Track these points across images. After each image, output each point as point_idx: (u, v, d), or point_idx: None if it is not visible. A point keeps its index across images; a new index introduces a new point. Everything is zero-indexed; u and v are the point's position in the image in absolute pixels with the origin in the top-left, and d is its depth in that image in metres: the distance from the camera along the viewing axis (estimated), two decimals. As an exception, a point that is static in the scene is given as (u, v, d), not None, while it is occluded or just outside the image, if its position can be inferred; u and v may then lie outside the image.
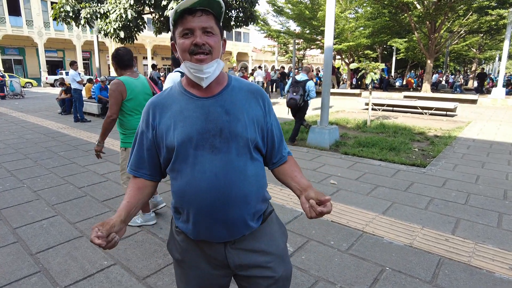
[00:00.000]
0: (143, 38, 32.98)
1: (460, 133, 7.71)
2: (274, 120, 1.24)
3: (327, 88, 6.37)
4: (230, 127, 1.08)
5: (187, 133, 1.06)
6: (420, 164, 5.06)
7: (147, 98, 3.00)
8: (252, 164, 1.13)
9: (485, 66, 45.24)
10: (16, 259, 2.56)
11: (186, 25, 1.03)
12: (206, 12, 1.05)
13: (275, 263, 1.19)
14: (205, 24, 1.04)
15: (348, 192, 3.94)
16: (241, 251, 1.15)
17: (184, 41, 1.05)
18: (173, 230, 1.23)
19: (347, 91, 19.11)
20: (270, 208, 1.26)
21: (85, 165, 5.10)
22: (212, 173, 1.05)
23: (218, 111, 1.09)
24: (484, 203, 3.62)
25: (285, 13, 21.56)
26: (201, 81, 1.07)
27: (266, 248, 1.18)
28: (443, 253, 2.62)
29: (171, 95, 1.15)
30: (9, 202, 3.65)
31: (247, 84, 1.20)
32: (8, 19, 28.05)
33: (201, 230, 1.11)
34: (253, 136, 1.12)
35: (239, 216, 1.10)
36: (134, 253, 2.64)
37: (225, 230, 1.10)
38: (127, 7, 10.33)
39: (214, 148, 1.06)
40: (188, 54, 1.05)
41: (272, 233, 1.22)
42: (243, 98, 1.15)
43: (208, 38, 1.05)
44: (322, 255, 2.61)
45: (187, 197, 1.08)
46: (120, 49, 2.93)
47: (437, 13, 15.66)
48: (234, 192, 1.07)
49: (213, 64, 1.06)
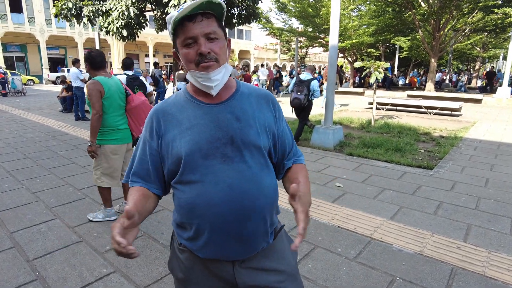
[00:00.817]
0: (145, 36, 32.88)
1: (466, 133, 7.59)
2: (286, 126, 1.18)
3: (332, 87, 6.25)
4: (242, 134, 1.01)
5: (196, 142, 0.99)
6: (427, 166, 4.95)
7: (122, 97, 3.16)
8: (268, 175, 1.06)
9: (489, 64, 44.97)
10: (12, 266, 2.47)
11: (187, 34, 0.96)
12: (207, 15, 0.97)
13: (287, 282, 1.11)
14: (207, 29, 0.97)
15: (354, 196, 3.84)
16: (251, 270, 1.06)
17: (189, 51, 0.98)
18: (176, 247, 1.13)
19: (350, 90, 18.97)
20: (281, 224, 1.18)
21: (85, 165, 5.01)
22: (225, 184, 0.97)
23: (228, 118, 1.02)
24: (496, 208, 3.51)
25: (288, 10, 21.39)
26: (210, 90, 1.00)
27: (278, 267, 1.10)
28: (456, 262, 2.52)
29: (177, 102, 1.08)
30: (6, 204, 3.57)
31: (256, 89, 1.14)
32: (10, 16, 27.97)
33: (212, 248, 1.02)
34: (266, 143, 1.06)
35: (255, 231, 1.02)
36: (134, 260, 2.55)
37: (239, 247, 1.01)
38: (129, 4, 10.21)
39: (226, 158, 0.99)
40: (194, 65, 0.99)
41: (283, 250, 1.14)
42: (253, 103, 1.08)
43: (212, 44, 0.98)
44: (330, 264, 2.51)
45: (198, 211, 0.99)
46: (93, 51, 3.06)
47: (442, 11, 15.47)
48: (250, 205, 0.98)
49: (221, 70, 1.00)
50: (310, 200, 1.02)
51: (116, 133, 3.11)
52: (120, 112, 3.15)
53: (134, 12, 10.29)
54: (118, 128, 3.13)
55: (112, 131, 3.08)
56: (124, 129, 3.19)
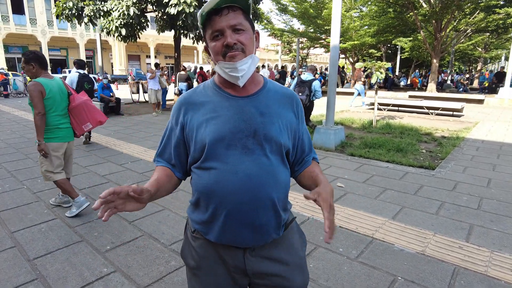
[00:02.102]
0: (146, 37, 32.97)
1: (468, 134, 7.56)
2: (304, 128, 1.22)
3: (333, 88, 6.24)
4: (264, 129, 1.04)
5: (219, 132, 1.03)
6: (429, 166, 4.92)
7: (64, 97, 3.28)
8: (284, 170, 1.10)
9: (491, 65, 44.86)
10: (13, 265, 2.47)
11: (214, 27, 0.99)
12: (233, 8, 0.99)
13: (293, 272, 1.15)
14: (233, 21, 0.99)
15: (356, 196, 3.82)
16: (260, 258, 1.11)
17: (216, 43, 1.01)
18: (189, 235, 1.18)
19: (351, 91, 18.94)
20: (292, 216, 1.22)
21: (86, 165, 5.02)
22: (244, 174, 1.01)
23: (253, 112, 1.06)
24: (498, 208, 3.49)
25: (289, 11, 21.41)
26: (237, 81, 1.03)
27: (286, 257, 1.14)
28: (458, 262, 2.50)
29: (204, 92, 1.12)
30: (7, 204, 3.57)
31: (282, 88, 1.17)
32: (11, 18, 28.09)
33: (225, 233, 1.06)
34: (286, 141, 1.09)
35: (267, 221, 1.06)
36: (135, 260, 2.54)
37: (251, 235, 1.06)
38: (129, 4, 10.24)
39: (247, 149, 1.03)
40: (221, 56, 1.01)
41: (293, 242, 1.18)
42: (278, 101, 1.12)
43: (239, 35, 1.00)
44: (331, 263, 2.49)
45: (215, 197, 1.03)
46: (36, 52, 3.17)
47: (443, 11, 15.44)
48: (265, 196, 1.03)
49: (247, 60, 1.02)
50: (331, 187, 1.06)
51: (58, 131, 3.22)
52: (62, 112, 3.25)
53: (135, 12, 10.31)
54: (59, 127, 3.24)
55: (54, 130, 3.19)
56: (65, 128, 3.30)
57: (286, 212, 1.16)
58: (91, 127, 3.50)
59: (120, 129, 8.21)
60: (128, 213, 3.35)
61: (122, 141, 6.74)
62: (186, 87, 11.68)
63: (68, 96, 3.32)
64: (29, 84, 3.06)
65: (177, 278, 2.32)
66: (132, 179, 4.39)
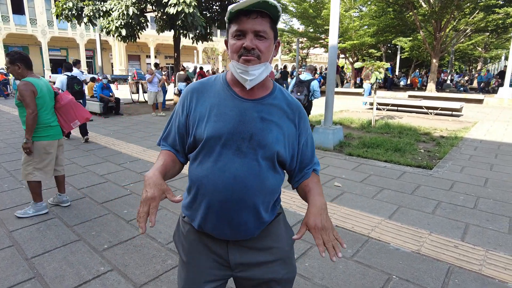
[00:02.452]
0: (146, 37, 32.99)
1: (467, 133, 7.57)
2: (309, 139, 1.21)
3: (332, 88, 6.26)
4: (261, 135, 1.06)
5: (218, 130, 1.05)
6: (427, 166, 4.94)
7: (51, 96, 3.34)
8: (273, 177, 1.11)
9: (490, 65, 44.81)
10: (10, 264, 2.49)
11: (239, 26, 1.01)
12: (262, 15, 1.01)
13: (277, 264, 1.17)
14: (258, 27, 1.00)
15: (353, 195, 3.84)
16: (243, 248, 1.14)
17: (236, 42, 1.03)
18: (180, 221, 1.25)
19: (351, 90, 18.96)
20: (279, 211, 1.24)
21: (85, 165, 5.04)
22: (231, 175, 1.04)
23: (254, 116, 1.07)
24: (494, 208, 3.50)
25: (289, 11, 21.41)
26: (245, 82, 1.05)
27: (270, 246, 1.17)
28: (453, 260, 2.52)
29: (214, 86, 1.14)
30: (6, 204, 3.58)
31: (290, 98, 1.18)
32: (12, 18, 28.12)
33: (206, 224, 1.11)
34: (281, 150, 1.10)
35: (246, 221, 1.09)
36: (132, 258, 2.56)
37: (229, 231, 1.10)
38: (129, 4, 10.26)
39: (240, 152, 1.05)
40: (237, 56, 1.03)
41: (278, 234, 1.20)
42: (282, 110, 1.13)
43: (259, 42, 1.02)
44: (326, 262, 2.51)
45: (202, 190, 1.08)
46: (20, 52, 3.20)
47: (443, 11, 15.45)
48: (247, 199, 1.06)
49: (260, 67, 1.04)
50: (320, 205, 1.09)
51: (49, 130, 3.28)
52: (51, 110, 3.32)
53: (134, 12, 10.32)
54: (51, 125, 3.30)
55: (45, 128, 3.25)
56: (55, 126, 3.37)
57: (272, 213, 1.18)
58: (79, 124, 3.59)
59: (119, 129, 8.23)
60: (125, 213, 3.37)
61: (121, 141, 6.76)
62: (185, 87, 11.70)
63: (54, 95, 3.40)
64: (19, 84, 3.10)
65: (173, 277, 2.34)
66: (130, 179, 4.41)
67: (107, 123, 9.25)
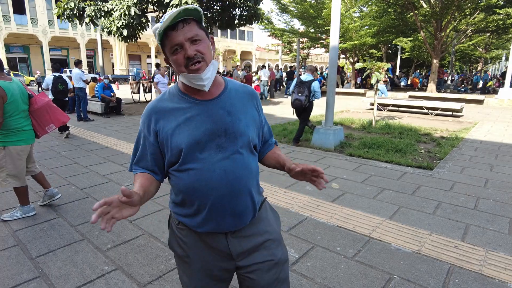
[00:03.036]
0: (147, 37, 33.01)
1: (467, 134, 7.59)
2: (264, 117, 1.34)
3: (333, 88, 6.28)
4: (233, 127, 1.14)
5: (194, 136, 1.10)
6: (427, 166, 4.96)
7: (25, 99, 3.19)
8: (254, 160, 1.23)
9: (491, 65, 44.81)
10: (15, 263, 2.52)
11: (173, 41, 1.06)
12: (187, 21, 1.06)
13: (273, 244, 1.26)
14: (190, 34, 1.06)
15: (354, 196, 3.86)
16: (241, 238, 1.21)
17: (177, 57, 1.07)
18: (174, 227, 1.27)
19: (351, 91, 18.99)
20: (263, 197, 1.35)
21: (88, 165, 5.06)
22: (221, 171, 1.11)
23: (221, 113, 1.14)
24: (494, 208, 3.53)
25: (290, 11, 21.42)
26: (203, 87, 1.12)
27: (264, 229, 1.26)
28: (453, 261, 2.54)
29: (171, 100, 1.17)
30: (10, 204, 3.61)
31: (242, 86, 1.27)
32: (13, 18, 28.15)
33: (209, 223, 1.16)
34: (253, 134, 1.21)
35: (246, 207, 1.18)
36: (135, 258, 2.59)
37: (233, 220, 1.16)
38: (130, 4, 10.28)
39: (221, 148, 1.12)
40: (184, 67, 1.08)
41: (268, 218, 1.31)
42: (241, 99, 1.22)
43: (197, 46, 1.07)
44: (328, 262, 2.54)
45: (198, 193, 1.13)
46: None
47: (443, 12, 15.46)
48: (241, 186, 1.14)
49: (209, 68, 1.11)
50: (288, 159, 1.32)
51: (21, 134, 3.15)
52: (24, 114, 3.19)
53: (136, 12, 10.35)
54: (23, 129, 3.17)
55: (17, 132, 3.12)
56: (28, 130, 3.24)
57: (260, 194, 1.30)
58: (54, 128, 3.46)
59: (120, 129, 8.25)
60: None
61: (123, 141, 6.79)
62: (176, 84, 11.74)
63: (28, 98, 3.24)
64: None
65: (176, 276, 2.36)
66: (132, 179, 4.40)
67: (108, 123, 9.28)
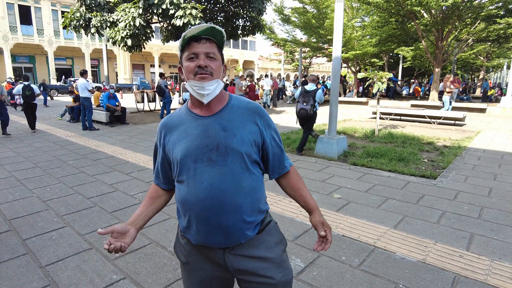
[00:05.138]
0: (151, 46, 33.37)
1: (470, 143, 7.62)
2: (274, 134, 1.31)
3: (335, 98, 6.35)
4: (226, 142, 1.17)
5: (188, 148, 1.18)
6: (431, 175, 4.99)
7: None
8: (248, 177, 1.21)
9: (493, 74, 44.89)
10: (26, 271, 2.56)
11: (192, 50, 1.17)
12: (210, 40, 1.19)
13: (272, 269, 1.25)
14: (208, 50, 1.17)
15: (358, 205, 3.89)
16: (239, 257, 1.23)
17: (190, 64, 1.18)
18: (178, 234, 1.34)
19: (354, 100, 19.06)
20: (269, 219, 1.33)
21: (94, 174, 5.12)
22: (208, 184, 1.16)
23: (216, 128, 1.20)
24: (499, 218, 3.54)
25: (292, 22, 21.69)
26: (202, 98, 1.18)
27: (263, 255, 1.25)
28: (458, 270, 2.56)
29: (179, 116, 1.28)
30: (18, 212, 3.67)
31: (246, 103, 1.29)
32: (19, 28, 28.62)
33: (201, 236, 1.20)
34: (248, 150, 1.20)
35: (234, 224, 1.18)
36: (143, 267, 2.62)
37: (221, 236, 1.18)
38: (135, 15, 10.48)
39: (211, 161, 1.17)
40: (192, 75, 1.18)
41: (270, 241, 1.29)
42: (240, 115, 1.24)
43: (210, 61, 1.18)
44: (334, 271, 2.56)
45: (188, 205, 1.19)
46: None
47: (444, 21, 15.61)
48: (227, 201, 1.16)
49: (214, 82, 1.18)
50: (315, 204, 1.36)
51: None
52: None
53: (140, 23, 10.53)
54: None
55: None
56: None
57: (260, 214, 1.27)
58: None
59: (125, 138, 8.33)
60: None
61: (128, 150, 6.86)
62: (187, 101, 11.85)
63: None
64: None
65: (184, 285, 2.39)
66: (138, 188, 4.48)
67: (113, 132, 9.37)
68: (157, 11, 10.47)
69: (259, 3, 12.81)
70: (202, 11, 10.89)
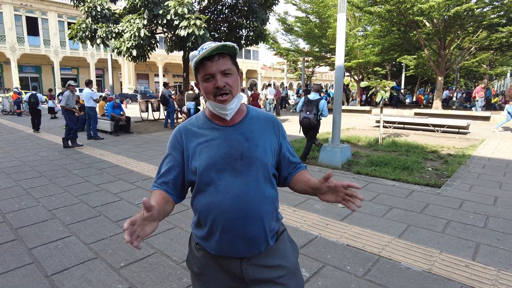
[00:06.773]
0: (155, 56, 33.76)
1: (474, 151, 7.59)
2: (288, 145, 1.38)
3: (339, 107, 6.38)
4: (250, 152, 1.19)
5: (211, 158, 1.17)
6: (435, 184, 4.97)
7: None
8: (270, 187, 1.24)
9: (496, 82, 44.79)
10: (31, 280, 2.57)
11: (206, 71, 1.16)
12: (223, 55, 1.16)
13: (288, 277, 1.27)
14: (223, 67, 1.16)
15: (363, 214, 3.88)
16: (255, 266, 1.23)
17: (207, 85, 1.17)
18: (193, 247, 1.32)
19: (357, 108, 19.09)
20: (283, 228, 1.35)
21: (99, 183, 5.16)
22: (234, 194, 1.15)
23: (239, 139, 1.21)
24: (504, 227, 3.52)
25: (295, 31, 21.88)
26: (225, 116, 1.21)
27: (279, 263, 1.26)
28: (464, 280, 2.54)
29: (197, 123, 1.27)
30: (24, 221, 3.69)
31: (264, 114, 1.33)
32: (26, 39, 29.11)
33: (223, 245, 1.19)
34: (270, 160, 1.24)
35: (258, 234, 1.19)
36: (148, 276, 2.63)
37: (244, 246, 1.19)
38: (140, 26, 10.64)
39: (236, 171, 1.17)
40: (212, 96, 1.18)
41: (285, 250, 1.31)
42: (260, 126, 1.27)
43: (227, 78, 1.17)
44: (339, 281, 2.55)
45: (211, 215, 1.18)
46: None
47: (446, 30, 15.68)
48: (253, 211, 1.17)
49: (234, 100, 1.20)
50: None
51: None
52: None
53: (145, 34, 10.68)
54: None
55: None
56: None
57: (277, 222, 1.30)
58: None
59: (130, 147, 8.39)
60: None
61: (133, 159, 6.90)
62: (194, 106, 11.92)
63: None
64: None
65: (189, 295, 2.39)
66: (143, 197, 4.50)
67: (118, 141, 9.44)
68: (161, 22, 10.64)
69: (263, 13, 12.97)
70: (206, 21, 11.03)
